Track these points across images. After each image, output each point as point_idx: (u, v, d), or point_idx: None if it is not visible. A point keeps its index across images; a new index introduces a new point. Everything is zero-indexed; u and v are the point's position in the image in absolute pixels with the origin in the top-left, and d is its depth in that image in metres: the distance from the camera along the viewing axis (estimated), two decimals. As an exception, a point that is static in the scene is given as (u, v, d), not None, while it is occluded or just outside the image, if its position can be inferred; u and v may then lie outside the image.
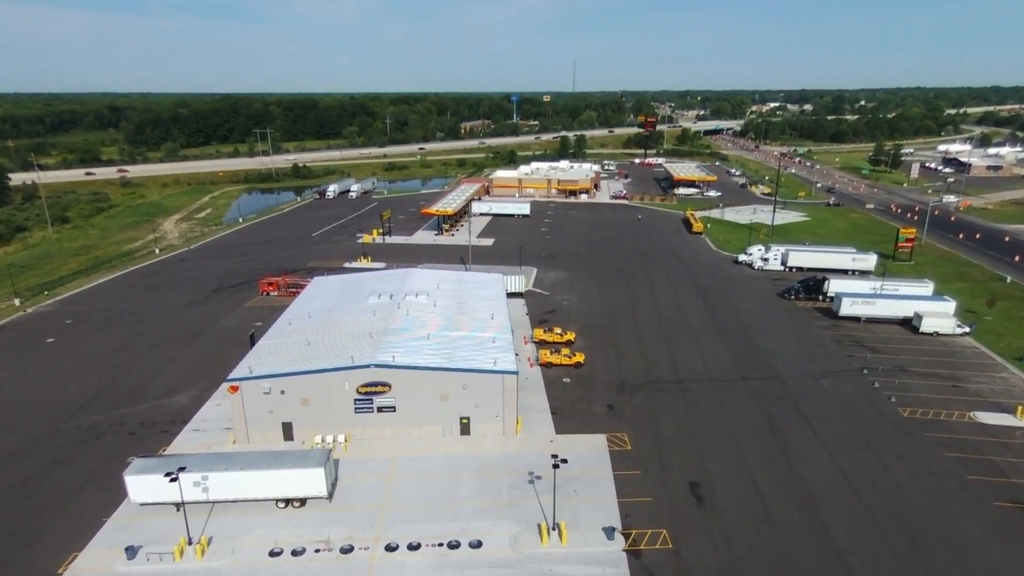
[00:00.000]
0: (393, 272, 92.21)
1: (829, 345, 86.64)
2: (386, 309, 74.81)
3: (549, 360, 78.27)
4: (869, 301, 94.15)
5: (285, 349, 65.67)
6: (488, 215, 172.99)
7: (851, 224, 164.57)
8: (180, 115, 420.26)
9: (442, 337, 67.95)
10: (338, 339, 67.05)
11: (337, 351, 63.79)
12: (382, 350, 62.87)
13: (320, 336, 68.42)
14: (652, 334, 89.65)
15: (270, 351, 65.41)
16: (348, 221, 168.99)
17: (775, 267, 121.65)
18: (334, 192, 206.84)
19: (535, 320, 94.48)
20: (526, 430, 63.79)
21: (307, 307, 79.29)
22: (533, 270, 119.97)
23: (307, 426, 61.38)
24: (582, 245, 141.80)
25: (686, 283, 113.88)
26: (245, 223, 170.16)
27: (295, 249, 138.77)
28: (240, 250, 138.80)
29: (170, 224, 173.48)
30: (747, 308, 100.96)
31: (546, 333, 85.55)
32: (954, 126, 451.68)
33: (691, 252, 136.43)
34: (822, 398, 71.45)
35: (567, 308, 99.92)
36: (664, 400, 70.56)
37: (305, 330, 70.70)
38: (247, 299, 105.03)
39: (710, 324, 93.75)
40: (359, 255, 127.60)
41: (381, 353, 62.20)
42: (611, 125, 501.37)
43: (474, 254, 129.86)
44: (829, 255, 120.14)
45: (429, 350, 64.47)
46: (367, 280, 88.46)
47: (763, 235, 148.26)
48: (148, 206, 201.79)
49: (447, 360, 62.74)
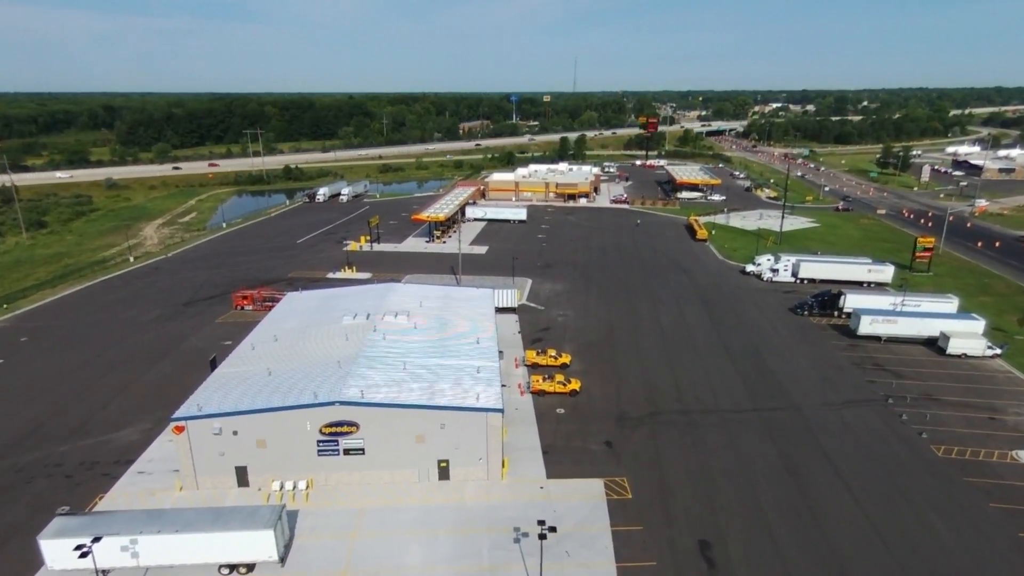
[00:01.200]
0: (374, 288, 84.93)
1: (848, 369, 79.24)
2: (360, 332, 67.52)
3: (542, 388, 70.96)
4: (890, 319, 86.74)
5: (243, 380, 58.34)
6: (483, 220, 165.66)
7: (862, 231, 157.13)
8: (174, 115, 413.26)
9: (420, 366, 60.62)
10: (303, 368, 59.74)
11: (301, 384, 56.47)
12: (350, 383, 55.55)
13: (284, 364, 61.12)
14: (655, 355, 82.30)
15: (225, 383, 58.08)
16: (336, 227, 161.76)
17: (785, 278, 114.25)
18: (324, 195, 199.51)
19: (528, 339, 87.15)
20: (513, 474, 56.46)
21: (275, 328, 72.01)
22: (527, 282, 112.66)
23: (264, 471, 54.08)
24: (580, 253, 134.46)
25: (690, 296, 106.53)
26: (229, 228, 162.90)
27: (278, 257, 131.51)
28: (219, 258, 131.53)
29: (151, 229, 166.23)
30: (757, 325, 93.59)
31: (539, 356, 78.18)
32: (961, 127, 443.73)
33: (695, 261, 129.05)
34: (845, 433, 64.07)
35: (563, 325, 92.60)
36: (669, 436, 63.20)
37: (269, 356, 63.41)
38: (220, 314, 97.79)
39: (717, 343, 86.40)
40: (343, 265, 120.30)
41: (349, 387, 54.89)
42: (612, 126, 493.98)
43: (466, 263, 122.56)
44: (843, 266, 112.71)
45: (405, 383, 57.15)
46: (344, 297, 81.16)
47: (771, 243, 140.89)
48: (131, 210, 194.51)
49: (424, 395, 55.41)
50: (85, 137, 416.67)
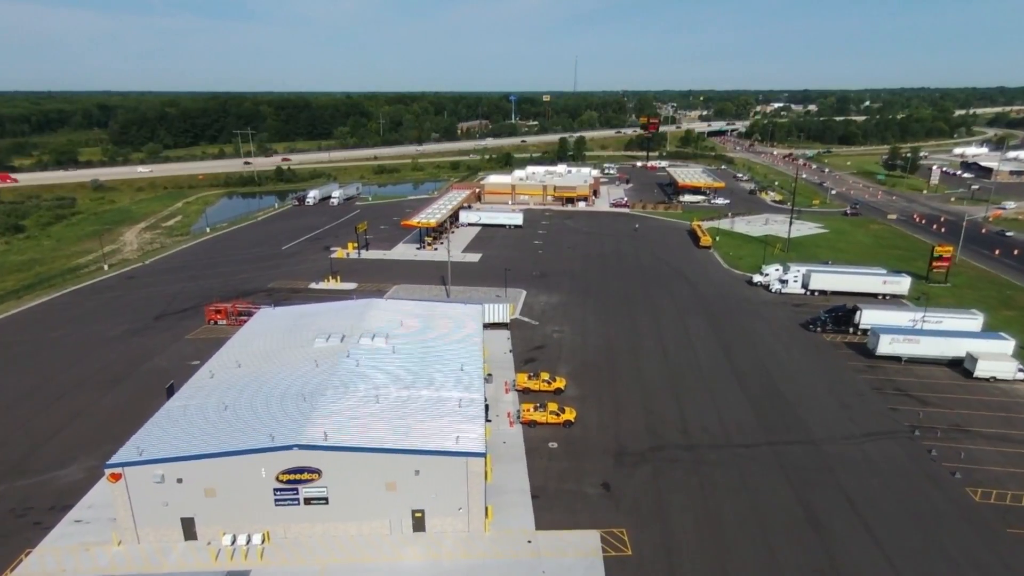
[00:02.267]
0: (353, 304, 78.37)
1: (868, 394, 72.73)
2: (332, 358, 61.04)
3: (533, 418, 64.48)
4: (912, 339, 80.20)
5: (194, 416, 51.86)
6: (477, 225, 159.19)
7: (873, 237, 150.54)
8: (167, 114, 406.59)
9: (396, 400, 54.14)
10: (264, 402, 53.23)
11: (259, 422, 49.99)
12: (314, 421, 49.08)
13: (244, 397, 54.61)
14: (657, 378, 75.80)
15: (173, 419, 51.59)
16: (324, 232, 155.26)
17: (795, 290, 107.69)
18: (314, 199, 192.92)
19: (520, 359, 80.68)
20: (498, 524, 49.97)
21: (241, 350, 65.53)
22: (521, 293, 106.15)
23: (213, 522, 47.62)
24: (578, 261, 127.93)
25: (694, 309, 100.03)
26: (212, 233, 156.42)
27: (260, 265, 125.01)
28: (198, 266, 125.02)
29: (132, 234, 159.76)
30: (767, 343, 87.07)
31: (531, 380, 71.68)
32: (967, 128, 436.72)
33: (699, 270, 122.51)
34: (869, 473, 57.56)
35: (558, 343, 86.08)
36: (673, 477, 56.70)
37: (228, 386, 56.90)
38: (191, 328, 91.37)
39: (725, 364, 79.89)
40: (327, 274, 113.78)
41: (312, 426, 48.42)
42: (612, 126, 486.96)
43: (458, 272, 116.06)
44: (856, 277, 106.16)
45: (376, 420, 50.68)
46: (320, 315, 74.64)
47: (778, 250, 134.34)
48: (114, 213, 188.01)
49: (397, 435, 48.94)
50: (78, 137, 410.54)
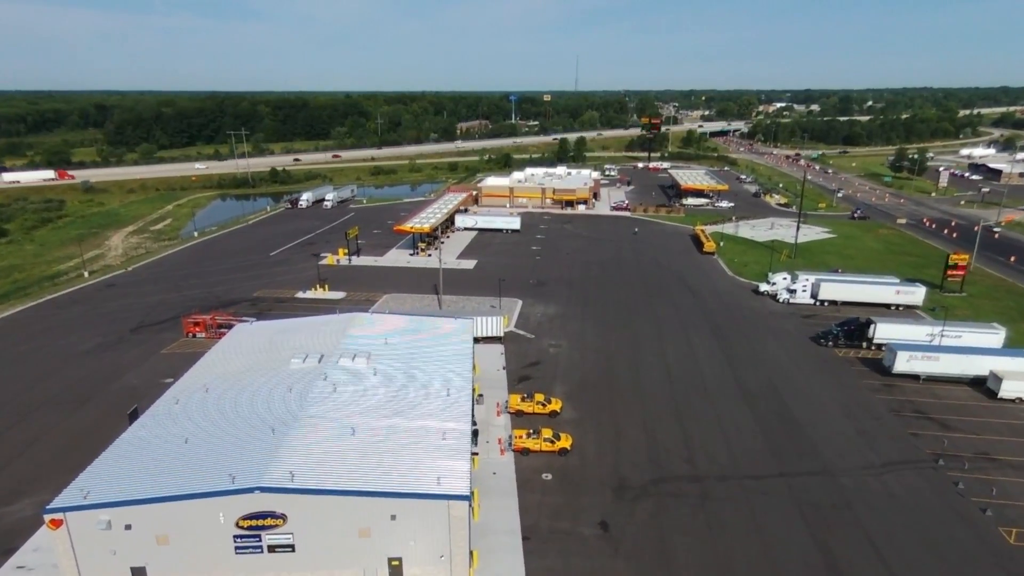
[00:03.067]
0: (335, 319, 73.53)
1: (886, 417, 67.85)
2: (308, 381, 56.29)
3: (526, 446, 59.69)
4: (931, 356, 75.26)
5: (150, 451, 47.13)
6: (474, 229, 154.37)
7: (882, 242, 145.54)
8: (163, 114, 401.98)
9: (373, 431, 49.36)
10: (229, 435, 48.48)
11: (219, 458, 45.25)
12: (280, 459, 44.32)
13: (208, 427, 49.88)
14: (659, 399, 70.99)
15: (126, 454, 46.86)
16: (316, 236, 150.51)
17: (804, 300, 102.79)
18: (307, 201, 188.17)
19: (514, 377, 75.89)
20: (484, 571, 45.20)
21: (210, 372, 60.77)
22: (517, 303, 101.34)
23: (167, 572, 42.87)
24: (577, 268, 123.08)
25: (699, 321, 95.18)
26: (200, 238, 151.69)
27: (247, 272, 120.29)
28: (182, 273, 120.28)
29: (118, 238, 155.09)
30: (776, 358, 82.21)
31: (525, 402, 66.90)
32: (972, 128, 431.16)
33: (703, 278, 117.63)
34: (891, 509, 52.73)
35: (555, 359, 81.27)
36: (678, 514, 51.88)
37: (192, 415, 52.15)
38: (168, 342, 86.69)
39: (731, 383, 75.04)
40: (315, 283, 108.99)
41: (277, 465, 43.67)
42: (614, 126, 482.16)
43: (452, 280, 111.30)
44: (868, 287, 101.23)
45: (351, 456, 45.92)
46: (298, 331, 69.86)
47: (785, 257, 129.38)
48: (102, 216, 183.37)
49: (373, 474, 44.19)
50: (73, 137, 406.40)
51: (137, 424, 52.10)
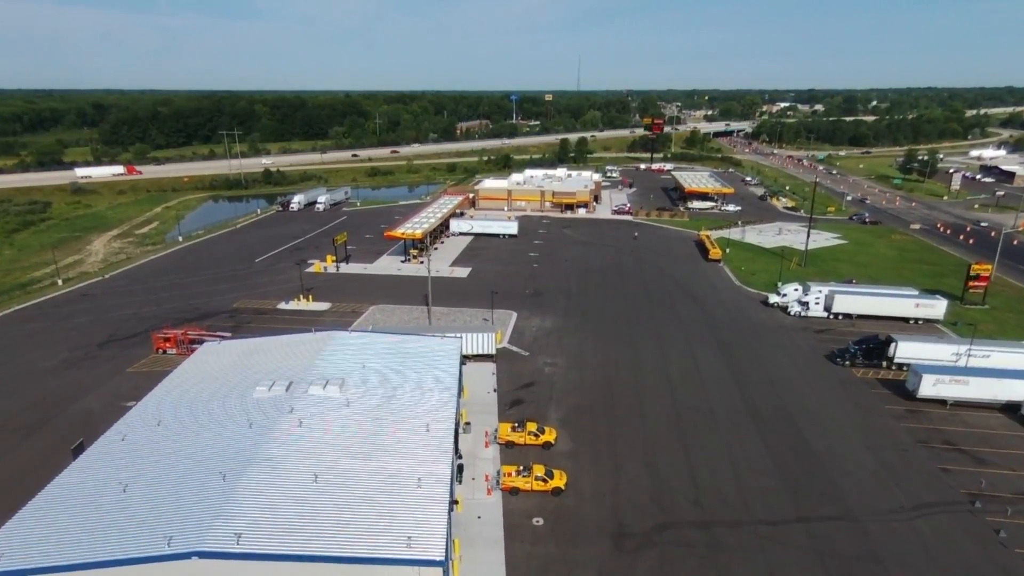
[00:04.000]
0: (309, 339, 67.58)
1: (912, 449, 61.83)
2: (272, 413, 50.47)
3: (515, 484, 53.80)
4: (959, 379, 69.20)
5: (82, 499, 41.38)
6: (469, 235, 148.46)
7: (896, 249, 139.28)
8: (159, 114, 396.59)
9: (339, 477, 43.54)
10: (175, 481, 42.68)
11: (159, 512, 39.45)
12: (228, 515, 38.50)
13: (152, 472, 44.10)
14: (663, 427, 65.05)
15: (54, 505, 41.06)
16: (306, 241, 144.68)
17: (817, 313, 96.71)
18: (299, 204, 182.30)
19: (505, 400, 70.01)
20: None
21: (166, 401, 54.96)
22: (511, 316, 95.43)
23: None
24: (576, 277, 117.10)
25: (705, 336, 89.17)
26: (185, 243, 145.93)
27: (229, 280, 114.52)
28: (161, 282, 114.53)
29: (101, 242, 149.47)
30: (789, 379, 76.19)
31: (516, 432, 61.00)
32: (981, 129, 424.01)
33: (708, 288, 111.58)
34: (925, 563, 46.73)
35: (550, 379, 75.33)
36: (685, 568, 45.91)
37: (136, 455, 46.39)
38: (137, 359, 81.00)
39: (742, 408, 69.06)
40: (299, 293, 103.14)
41: (223, 522, 37.85)
42: (616, 126, 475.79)
43: (444, 289, 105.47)
44: (886, 300, 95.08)
45: (310, 510, 40.07)
46: (268, 352, 64.03)
47: (795, 265, 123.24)
48: (88, 218, 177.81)
49: (335, 532, 38.33)
50: (69, 136, 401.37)
51: (76, 465, 46.35)
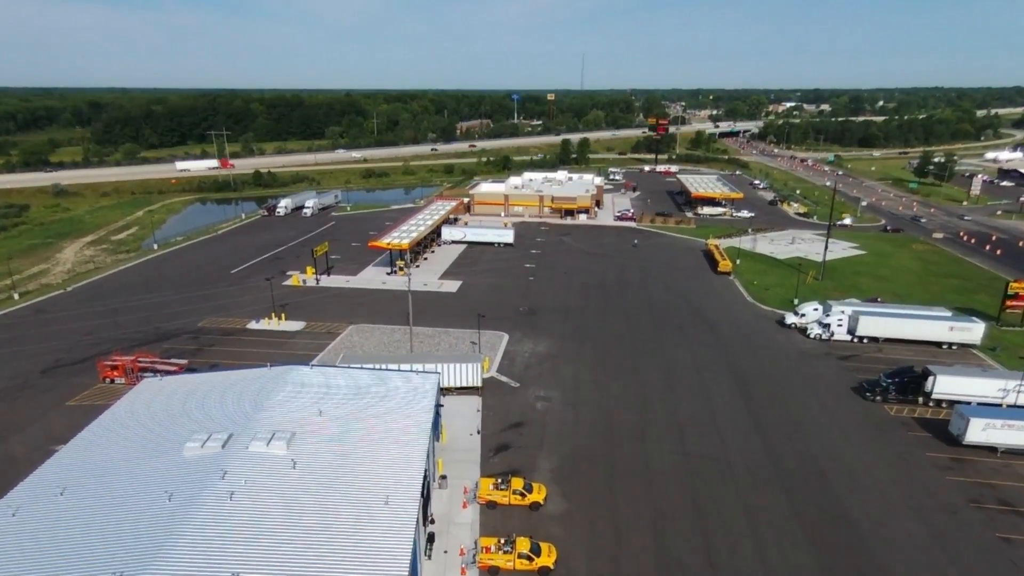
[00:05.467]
0: (262, 376, 58.45)
1: (964, 511, 52.74)
2: (199, 480, 41.64)
3: (495, 564, 44.93)
4: (1011, 423, 60.09)
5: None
6: (462, 243, 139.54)
7: (919, 260, 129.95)
8: (153, 112, 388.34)
9: (271, 567, 34.66)
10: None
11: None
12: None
13: (36, 565, 35.29)
14: (672, 484, 56.04)
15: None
16: (288, 249, 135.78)
17: (840, 336, 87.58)
18: (286, 208, 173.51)
19: (490, 445, 61.15)
20: None
21: (78, 460, 46.14)
22: (503, 338, 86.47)
23: None
24: (575, 292, 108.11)
25: (717, 364, 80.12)
26: (160, 251, 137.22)
27: (199, 294, 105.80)
28: (127, 295, 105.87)
29: (73, 250, 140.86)
30: (814, 419, 67.12)
31: (499, 490, 52.13)
32: (994, 130, 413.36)
33: (719, 305, 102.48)
34: (1000, 677, 37.73)
35: (542, 418, 66.39)
36: None
37: (24, 537, 37.59)
38: (81, 389, 72.46)
39: (763, 458, 60.02)
40: (272, 311, 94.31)
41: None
42: (619, 126, 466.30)
43: (432, 305, 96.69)
44: (916, 322, 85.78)
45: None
46: (212, 393, 55.09)
47: (811, 279, 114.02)
48: (64, 223, 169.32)
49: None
50: (61, 136, 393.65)
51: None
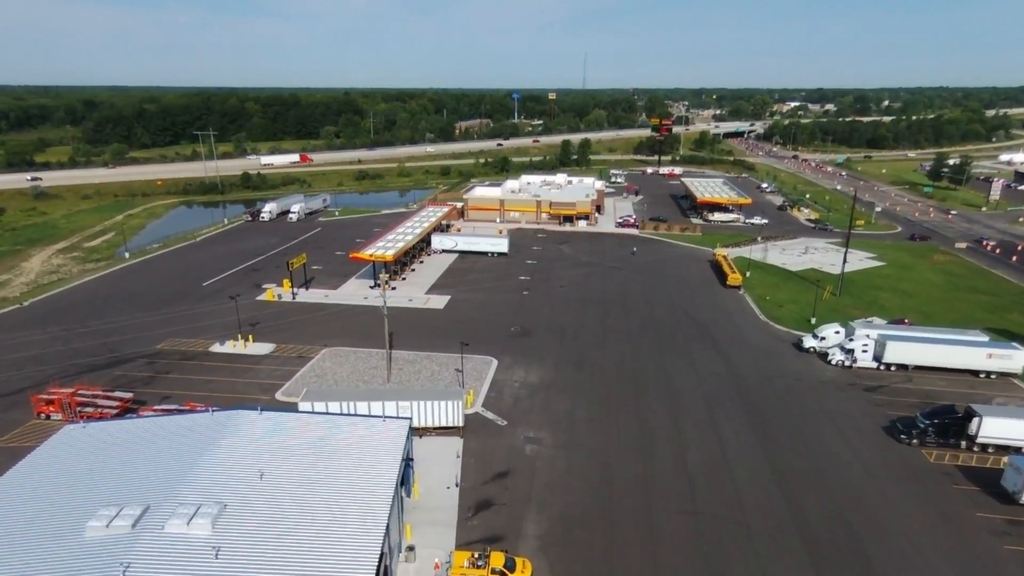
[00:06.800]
0: (202, 424, 49.97)
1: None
2: (94, 570, 33.30)
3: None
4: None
5: None
6: (453, 252, 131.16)
7: (942, 273, 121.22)
8: (145, 111, 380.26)
9: None
10: None
11: None
12: None
13: None
14: (681, 553, 47.58)
15: None
16: (268, 258, 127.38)
17: (865, 362, 79.04)
18: (271, 213, 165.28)
19: (469, 501, 52.72)
20: None
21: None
22: (490, 365, 78.01)
23: None
24: (572, 309, 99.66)
25: (728, 397, 71.64)
26: (132, 259, 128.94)
27: (164, 310, 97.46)
28: (84, 312, 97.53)
29: (41, 258, 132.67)
30: (843, 468, 58.57)
31: (475, 568, 43.70)
32: (1006, 131, 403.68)
33: (729, 325, 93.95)
34: None
35: (531, 466, 57.93)
36: None
37: None
38: (13, 425, 64.24)
39: (786, 518, 51.49)
40: (238, 332, 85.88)
41: None
42: (621, 126, 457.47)
43: (415, 325, 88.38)
44: (951, 349, 77.12)
45: None
46: (140, 446, 46.72)
47: (828, 295, 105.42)
48: (37, 228, 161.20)
49: None
50: (52, 135, 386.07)
51: None
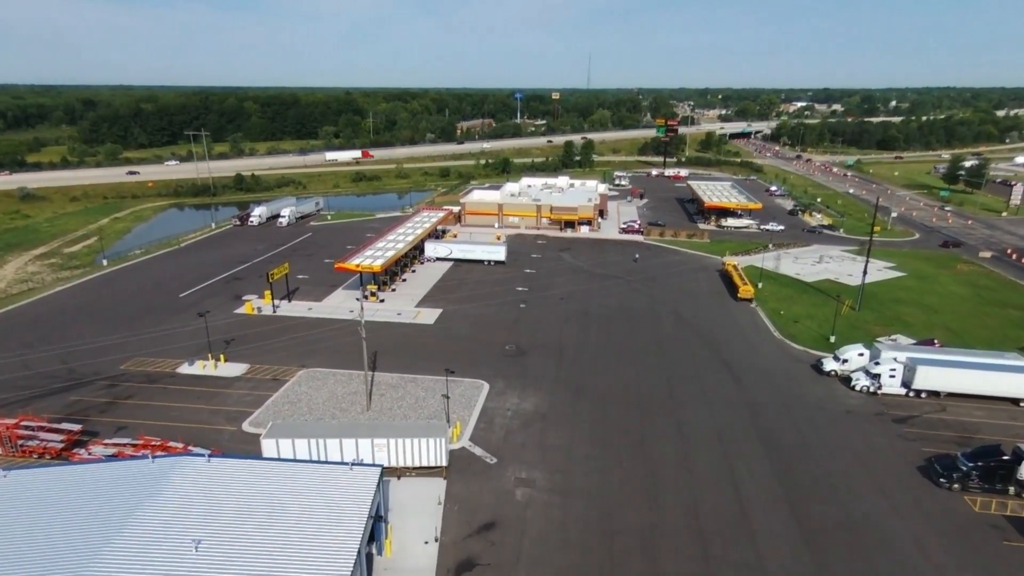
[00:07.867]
0: (138, 474, 43.19)
1: None
2: None
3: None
4: None
5: None
6: (448, 260, 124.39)
7: (968, 285, 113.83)
8: (142, 111, 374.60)
9: None
10: None
11: None
12: None
13: None
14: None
15: None
16: (252, 266, 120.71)
17: (892, 388, 71.98)
18: (260, 217, 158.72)
19: (450, 561, 45.89)
20: None
21: None
22: (481, 390, 71.18)
23: None
24: (572, 325, 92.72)
25: (742, 427, 64.69)
26: (110, 267, 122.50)
27: (134, 325, 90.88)
28: (48, 326, 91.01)
29: (16, 265, 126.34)
30: (876, 517, 51.53)
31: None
32: (1019, 132, 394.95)
33: (742, 344, 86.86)
34: None
35: (521, 515, 51.03)
36: None
37: None
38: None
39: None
40: (208, 352, 79.12)
41: None
42: (626, 126, 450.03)
43: (402, 342, 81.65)
44: (988, 374, 69.99)
45: None
46: (53, 510, 39.91)
47: (847, 309, 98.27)
48: (17, 232, 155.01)
49: None
50: (48, 134, 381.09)
51: None
